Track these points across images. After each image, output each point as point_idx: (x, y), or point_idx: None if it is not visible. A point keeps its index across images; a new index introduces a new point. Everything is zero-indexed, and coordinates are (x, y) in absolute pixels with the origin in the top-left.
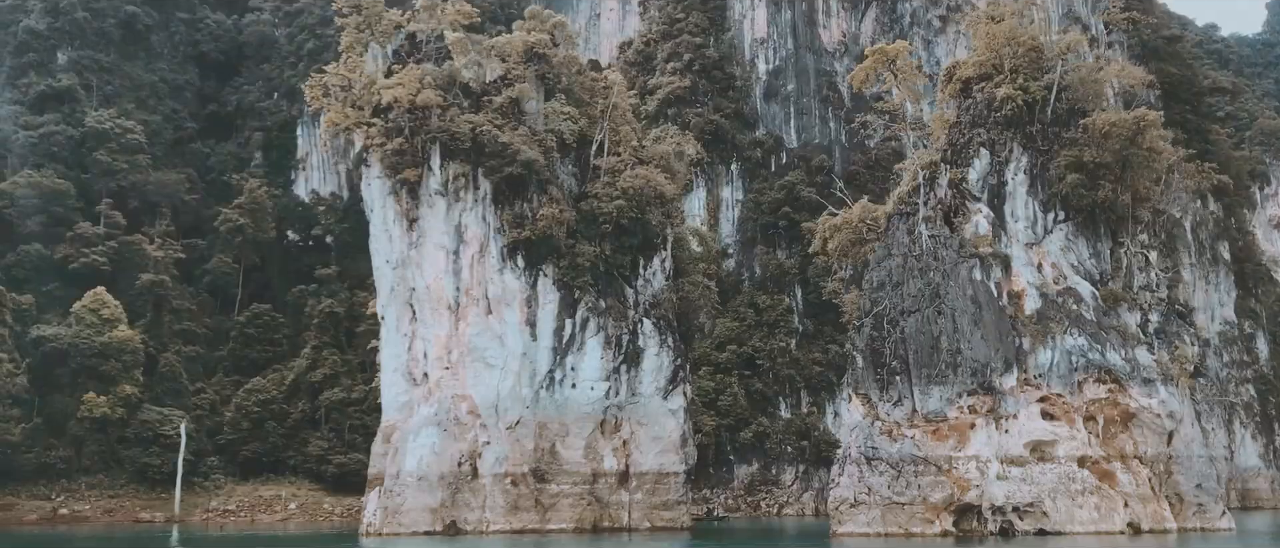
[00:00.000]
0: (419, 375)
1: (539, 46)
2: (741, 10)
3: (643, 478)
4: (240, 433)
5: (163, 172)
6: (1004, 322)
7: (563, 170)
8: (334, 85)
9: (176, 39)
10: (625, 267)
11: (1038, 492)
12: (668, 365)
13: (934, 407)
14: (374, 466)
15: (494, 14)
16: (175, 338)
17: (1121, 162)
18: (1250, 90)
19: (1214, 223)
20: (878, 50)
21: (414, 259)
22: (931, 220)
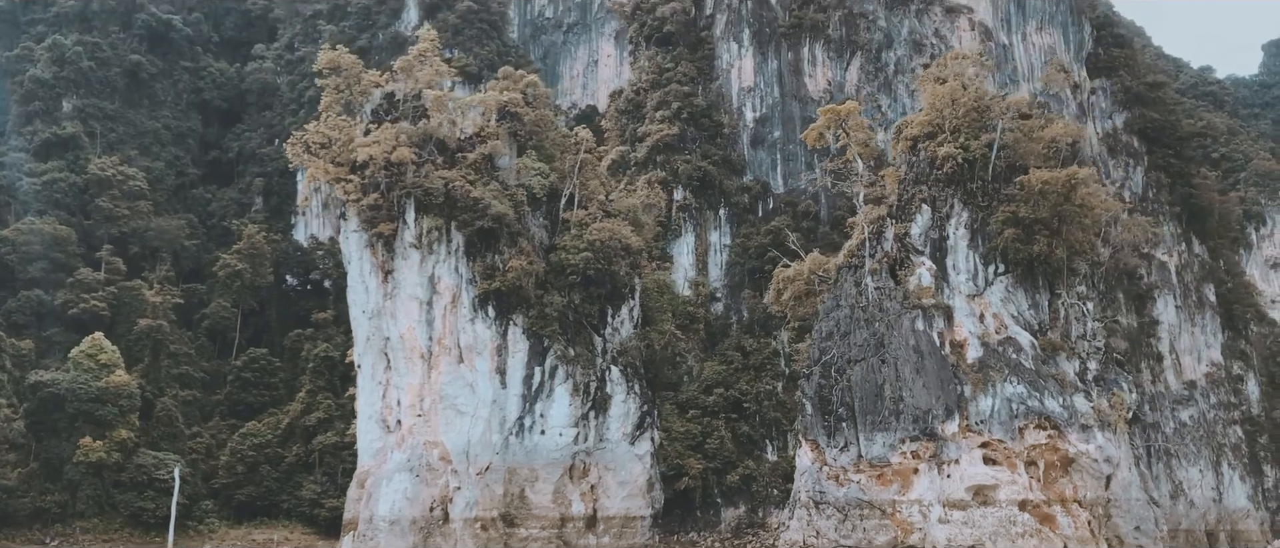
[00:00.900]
0: (392, 422)
1: (512, 104)
2: (729, 60)
3: (610, 522)
4: (235, 477)
5: (164, 217)
6: (945, 370)
7: (533, 223)
8: (314, 143)
9: (180, 87)
10: (593, 316)
11: (979, 535)
12: (635, 411)
13: (878, 452)
14: (349, 511)
15: (491, 62)
16: (173, 382)
17: (1056, 216)
18: (1245, 132)
19: (1200, 265)
20: (829, 109)
21: (388, 309)
22: (877, 273)
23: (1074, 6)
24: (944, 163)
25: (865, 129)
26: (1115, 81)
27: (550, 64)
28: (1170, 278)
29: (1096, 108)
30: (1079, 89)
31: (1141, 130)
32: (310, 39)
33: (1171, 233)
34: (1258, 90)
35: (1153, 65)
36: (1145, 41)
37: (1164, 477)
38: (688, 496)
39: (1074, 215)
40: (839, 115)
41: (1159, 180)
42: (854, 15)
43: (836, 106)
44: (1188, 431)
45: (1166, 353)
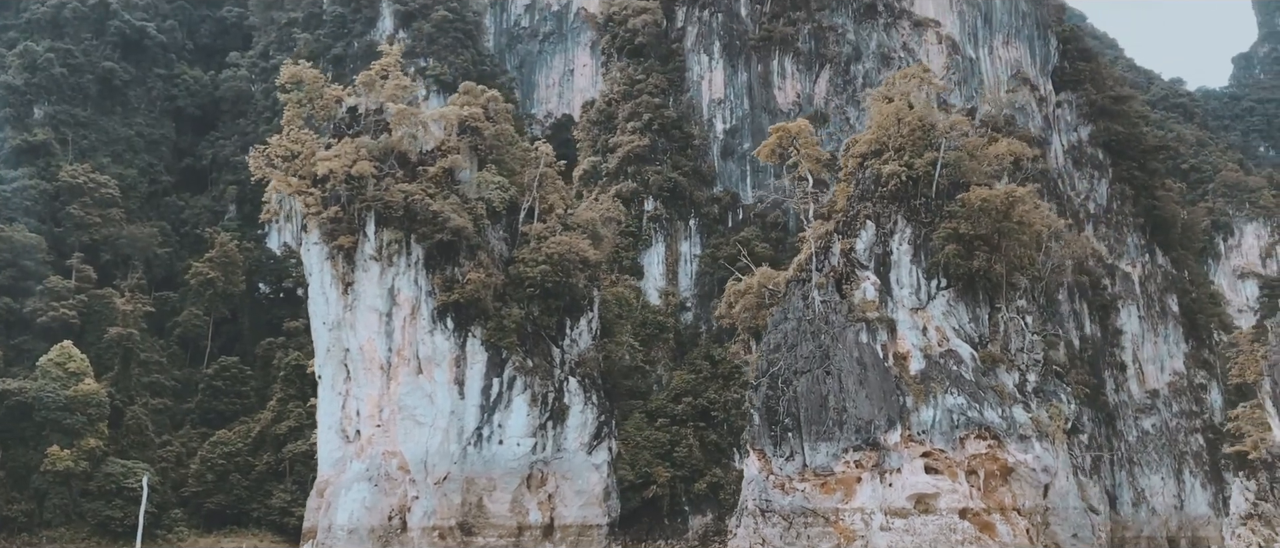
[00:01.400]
0: (352, 433)
1: (472, 119)
2: (700, 72)
3: (567, 530)
4: (205, 485)
5: (136, 225)
6: (888, 381)
7: (493, 236)
8: (277, 156)
9: (153, 94)
10: (552, 327)
11: (920, 542)
12: (592, 422)
13: (822, 462)
14: (308, 520)
15: (466, 71)
16: (143, 390)
17: (995, 233)
18: (1214, 143)
19: (1163, 276)
20: (779, 128)
21: (348, 321)
22: (824, 287)
23: (1040, 21)
24: (888, 180)
25: (816, 146)
26: (1081, 95)
27: (526, 73)
28: (1134, 288)
29: (1062, 120)
30: (1045, 102)
31: (1106, 143)
32: (285, 47)
33: (1135, 244)
34: (1227, 102)
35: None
36: (1117, 53)
37: (1126, 484)
38: (655, 504)
39: (1013, 232)
40: (790, 133)
41: (1123, 192)
42: (823, 29)
43: (788, 125)
44: (1150, 439)
45: (1130, 362)
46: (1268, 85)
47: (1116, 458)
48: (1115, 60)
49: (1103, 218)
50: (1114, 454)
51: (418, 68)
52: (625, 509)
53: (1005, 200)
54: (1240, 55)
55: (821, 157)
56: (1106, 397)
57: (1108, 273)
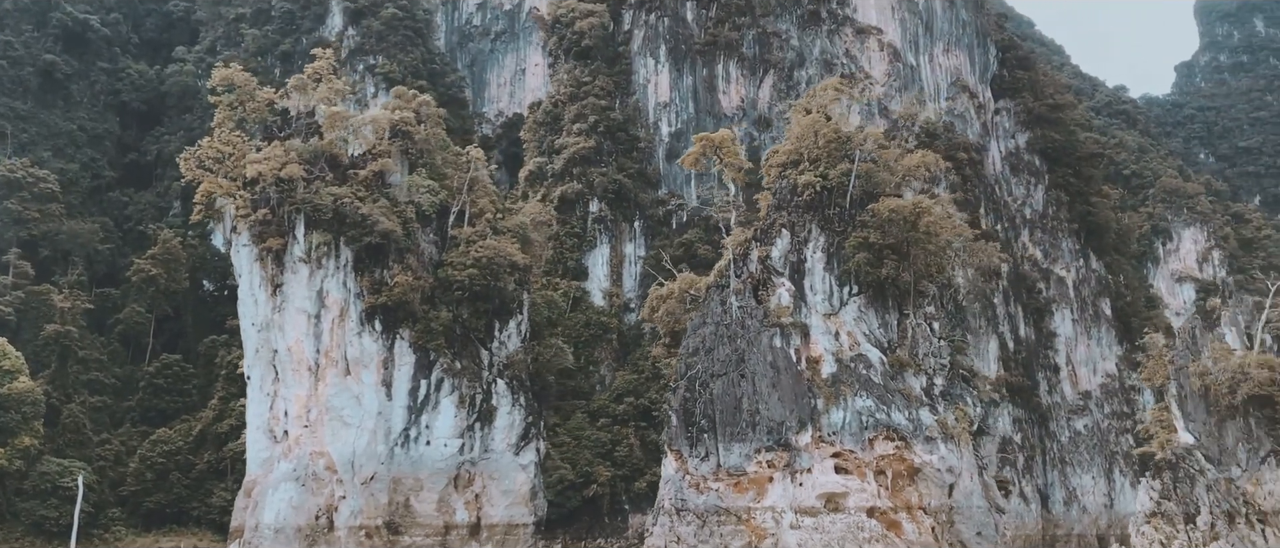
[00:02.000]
0: (280, 433)
1: (403, 123)
2: (646, 75)
3: (493, 530)
4: (144, 484)
5: (76, 221)
6: (801, 384)
7: (423, 239)
8: (207, 158)
9: (97, 88)
10: (480, 330)
11: (828, 540)
12: (520, 423)
13: (735, 462)
14: (236, 519)
15: (416, 69)
16: (82, 388)
17: (904, 242)
18: (1156, 150)
19: (1097, 280)
20: (703, 137)
21: (277, 322)
22: (741, 293)
23: (980, 29)
24: (804, 190)
25: (739, 156)
26: (1019, 102)
27: (477, 72)
28: (1068, 292)
29: (1000, 127)
30: (984, 109)
31: (1043, 150)
32: (232, 42)
33: (1070, 249)
34: (1170, 109)
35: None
36: (1064, 60)
37: (1058, 483)
38: (596, 502)
39: (920, 241)
40: (713, 142)
41: (1059, 198)
42: (767, 34)
43: (711, 135)
44: (1082, 439)
45: (1063, 364)
46: (1208, 93)
47: (1049, 458)
48: (1061, 67)
49: (1038, 223)
50: (1046, 454)
51: (367, 65)
52: (566, 508)
53: (913, 211)
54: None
55: (745, 165)
56: (1040, 398)
57: (1043, 277)
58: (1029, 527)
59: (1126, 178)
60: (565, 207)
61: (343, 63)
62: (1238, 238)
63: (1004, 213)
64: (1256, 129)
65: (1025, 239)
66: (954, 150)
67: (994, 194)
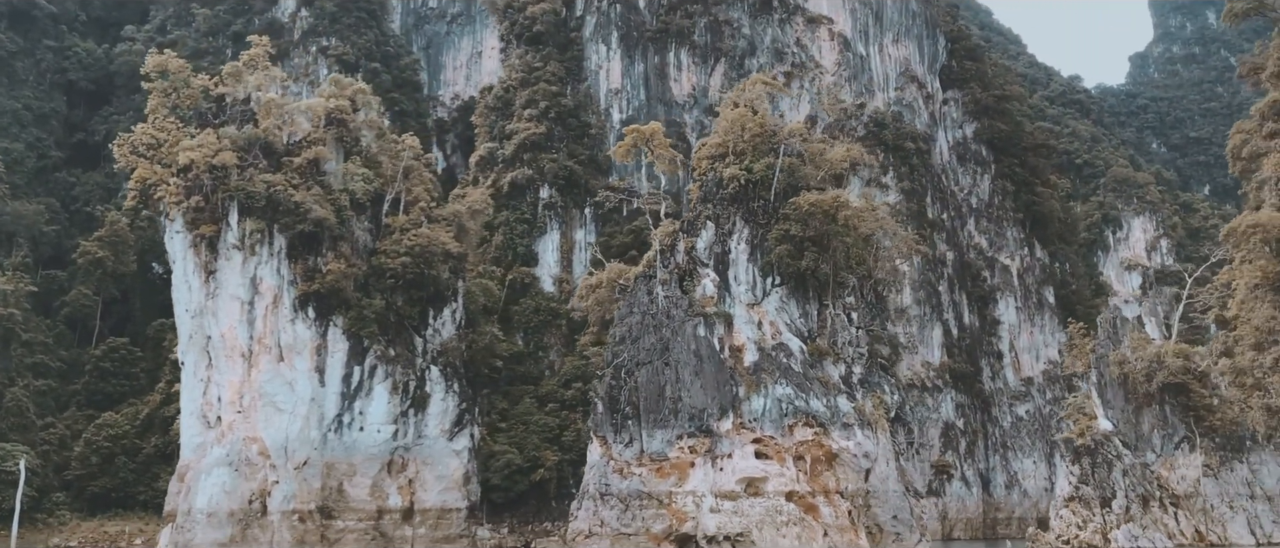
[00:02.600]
0: (213, 418)
1: (339, 111)
2: (597, 61)
3: (426, 514)
4: (89, 468)
5: (21, 201)
6: (723, 372)
7: (358, 227)
8: (141, 144)
9: (43, 66)
10: (414, 317)
11: (747, 523)
12: (453, 410)
13: (658, 448)
14: (169, 504)
15: (369, 51)
16: (26, 371)
17: (823, 235)
18: (1109, 139)
19: (1041, 269)
20: (633, 130)
21: (211, 309)
22: (667, 283)
23: (930, 20)
24: (729, 183)
25: (669, 148)
26: (967, 93)
27: (433, 54)
28: (1012, 280)
29: (948, 117)
30: (932, 99)
31: (990, 140)
32: (183, 21)
33: (1015, 238)
34: (1123, 99)
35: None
36: (1020, 50)
37: (1000, 467)
38: (543, 486)
39: (838, 234)
40: (643, 135)
41: (1005, 188)
42: (719, 22)
43: (641, 127)
44: (1024, 424)
45: (1006, 351)
46: (1161, 84)
47: (991, 442)
48: (1017, 56)
49: (984, 212)
50: (989, 439)
51: (319, 47)
52: (514, 492)
53: (832, 204)
54: (1137, 54)
55: (676, 157)
56: (983, 384)
57: (988, 265)
58: (970, 510)
59: (1079, 167)
60: (515, 193)
61: (295, 44)
62: (1186, 227)
63: (950, 202)
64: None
65: (971, 228)
66: (902, 140)
67: (940, 183)
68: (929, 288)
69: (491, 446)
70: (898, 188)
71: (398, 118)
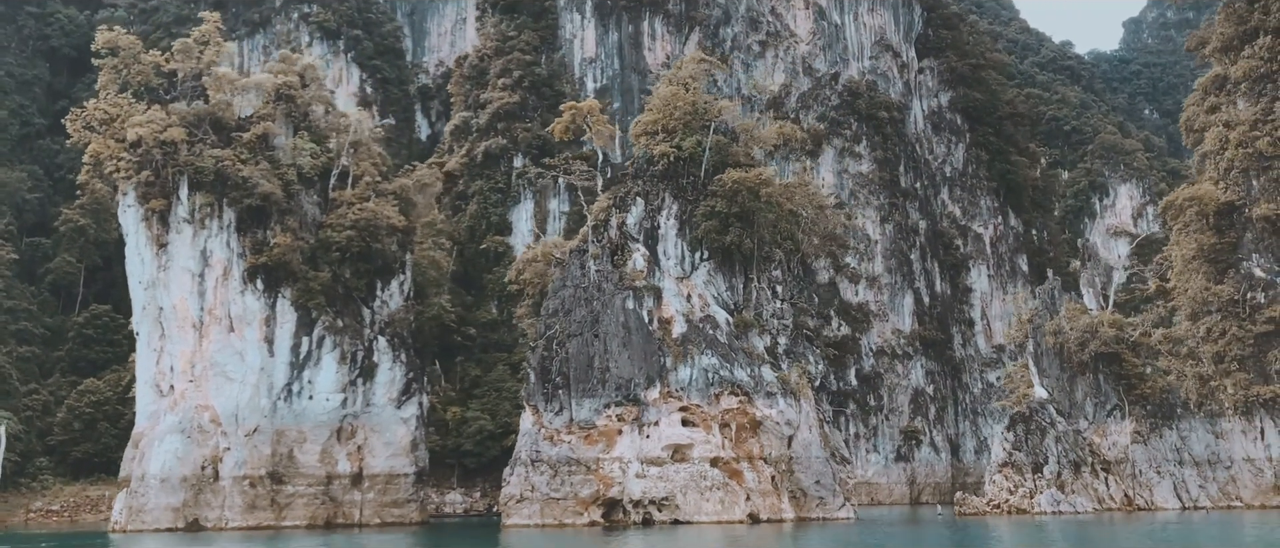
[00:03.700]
0: (166, 387)
1: (287, 88)
2: (572, 30)
3: (375, 479)
4: (72, 434)
5: (4, 169)
6: (651, 343)
7: (307, 201)
8: (93, 119)
9: (25, 33)
10: (362, 289)
11: (671, 488)
12: (401, 379)
13: (585, 416)
14: (124, 469)
15: (351, 18)
16: (9, 338)
17: (748, 211)
18: (1097, 106)
19: (1014, 237)
20: (571, 106)
21: (162, 281)
22: (599, 257)
23: None
24: (659, 160)
25: (606, 124)
26: (943, 62)
27: (418, 21)
28: (985, 249)
29: (923, 86)
30: (907, 68)
31: (965, 109)
32: None
33: (989, 206)
34: (1117, 65)
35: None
36: (1012, 15)
37: (970, 432)
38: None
39: (762, 210)
40: (583, 111)
41: (979, 157)
42: None
43: (578, 104)
44: (994, 390)
45: (978, 319)
46: (1154, 49)
47: (961, 409)
48: (1009, 21)
49: (958, 181)
50: (959, 405)
51: (301, 14)
52: (486, 457)
53: (755, 181)
54: (1131, 19)
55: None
56: (954, 351)
57: (961, 234)
58: (939, 474)
59: (1067, 134)
60: (489, 162)
61: (277, 11)
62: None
63: (924, 171)
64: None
65: (944, 196)
66: (875, 109)
67: (914, 152)
68: (900, 256)
69: (464, 412)
70: (871, 157)
71: (380, 85)
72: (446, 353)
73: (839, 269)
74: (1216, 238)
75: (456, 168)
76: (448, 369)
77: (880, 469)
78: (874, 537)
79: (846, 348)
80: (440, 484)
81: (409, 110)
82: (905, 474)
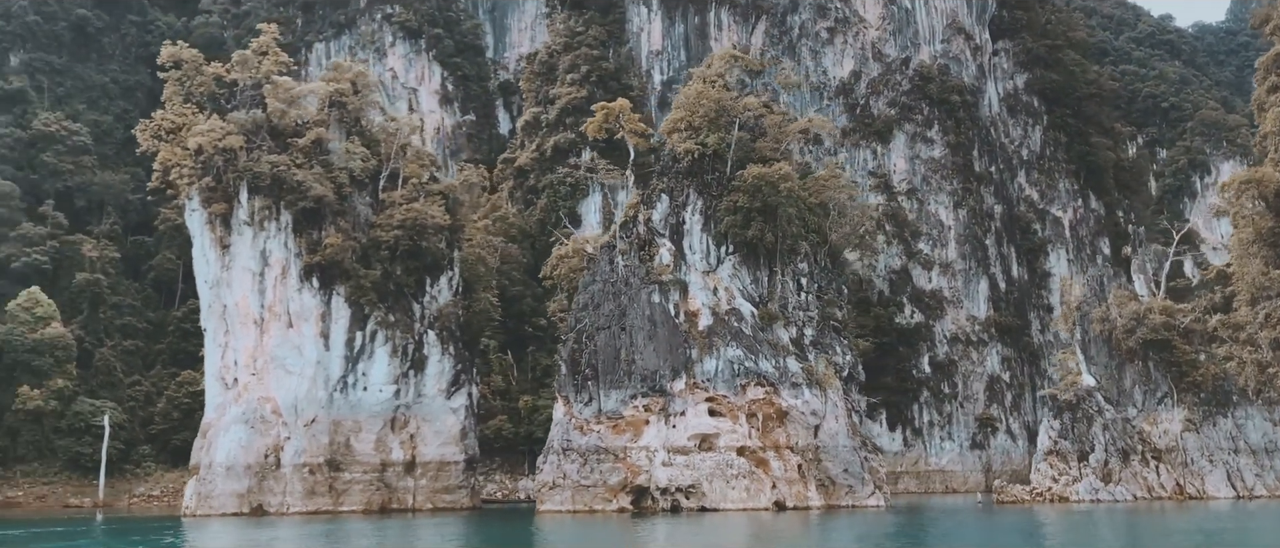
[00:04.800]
0: (231, 380)
1: (339, 94)
2: (639, 24)
3: (427, 466)
4: (171, 423)
5: (109, 172)
6: (677, 336)
7: (360, 202)
8: (161, 129)
9: (128, 40)
10: (412, 286)
11: (697, 475)
12: (449, 371)
13: (613, 407)
14: (193, 458)
15: (432, 17)
16: (114, 332)
17: (771, 206)
18: (1198, 81)
19: (1095, 220)
20: (602, 106)
21: (226, 280)
22: (627, 252)
23: None
24: (684, 157)
25: (638, 122)
26: (1018, 43)
27: (499, 17)
28: (1063, 233)
29: (998, 69)
30: (980, 51)
31: (1042, 90)
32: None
33: (1068, 189)
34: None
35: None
36: None
37: None
38: None
39: (783, 204)
40: (613, 112)
41: (1057, 139)
42: None
43: (610, 104)
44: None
45: (1057, 304)
46: None
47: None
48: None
49: (1035, 164)
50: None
51: (384, 15)
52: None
53: (775, 176)
54: None
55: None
56: (1031, 337)
57: (1038, 218)
58: (1016, 462)
59: (1165, 111)
60: (558, 156)
61: (361, 12)
62: None
63: (999, 155)
64: None
65: (1021, 180)
66: (947, 93)
67: (989, 136)
68: (974, 241)
69: (535, 400)
70: (943, 142)
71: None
72: (519, 343)
73: (911, 256)
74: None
75: (527, 162)
76: (520, 359)
77: (955, 457)
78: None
79: (919, 335)
80: (513, 470)
81: (489, 106)
82: (981, 462)
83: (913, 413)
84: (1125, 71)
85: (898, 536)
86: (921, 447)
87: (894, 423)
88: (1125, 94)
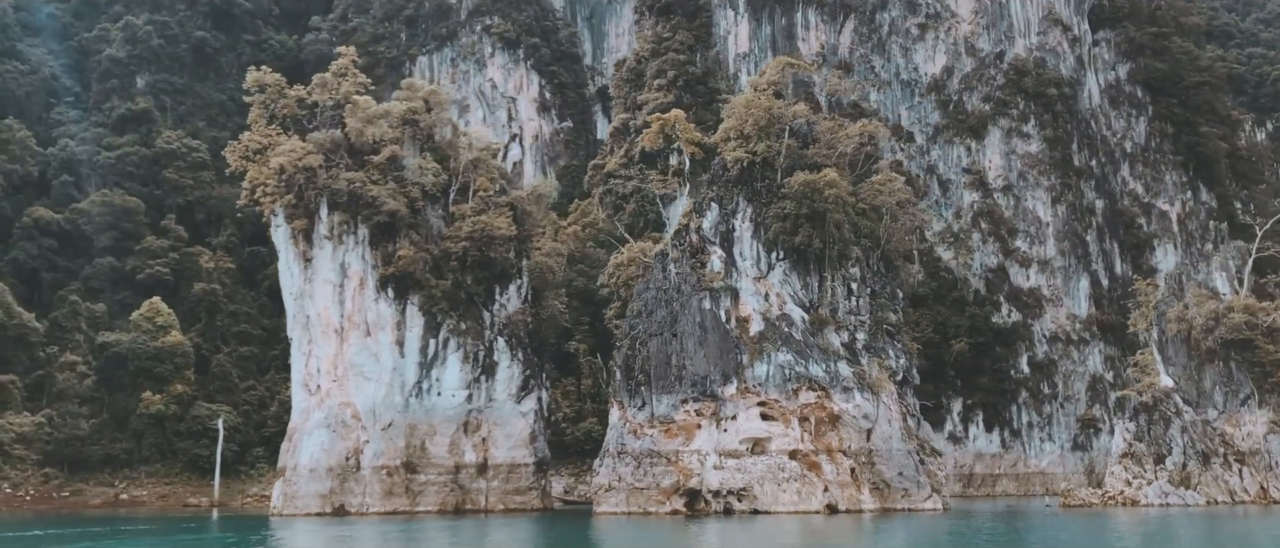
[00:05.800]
0: (314, 386)
1: (413, 113)
2: (726, 27)
3: (498, 469)
4: (282, 426)
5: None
6: (727, 342)
7: (432, 215)
8: (248, 149)
9: (243, 60)
10: (481, 294)
11: (749, 479)
12: (519, 376)
13: (664, 411)
14: (281, 461)
15: (529, 27)
16: (230, 340)
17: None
18: None
19: (1206, 213)
20: (657, 117)
21: (308, 291)
22: (679, 260)
23: None
24: (733, 165)
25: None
26: (1119, 32)
27: (596, 24)
28: (1171, 226)
29: (1098, 59)
30: (1078, 42)
31: (1145, 80)
32: (362, 9)
33: (1175, 182)
34: None
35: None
36: None
37: None
38: None
39: (831, 210)
40: (668, 122)
41: (1163, 130)
42: None
43: (665, 115)
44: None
45: None
46: None
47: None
48: None
49: (1139, 157)
50: None
51: (484, 26)
52: None
53: (819, 184)
54: None
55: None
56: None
57: (1143, 212)
58: None
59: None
60: (648, 161)
61: (462, 24)
62: None
63: (1100, 148)
64: None
65: (1124, 174)
66: (1044, 86)
67: (1089, 129)
68: (1074, 238)
69: None
70: (1040, 136)
71: (557, 90)
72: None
73: (1008, 253)
74: None
75: (615, 168)
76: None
77: (1055, 459)
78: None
79: (1016, 335)
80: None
81: (587, 112)
82: (1083, 463)
83: (1011, 414)
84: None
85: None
86: (1020, 448)
87: (991, 424)
88: (1252, 79)
